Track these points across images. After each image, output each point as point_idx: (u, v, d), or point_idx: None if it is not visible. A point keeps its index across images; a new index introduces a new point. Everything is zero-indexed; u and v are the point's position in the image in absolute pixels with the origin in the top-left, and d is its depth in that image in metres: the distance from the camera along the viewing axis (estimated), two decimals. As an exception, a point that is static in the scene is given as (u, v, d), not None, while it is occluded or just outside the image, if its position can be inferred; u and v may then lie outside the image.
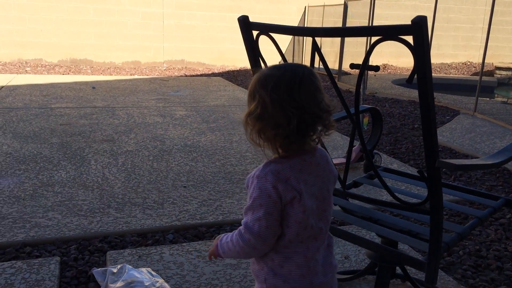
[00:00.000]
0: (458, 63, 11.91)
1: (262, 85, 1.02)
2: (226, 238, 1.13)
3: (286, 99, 0.99)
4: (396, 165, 3.72)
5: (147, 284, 1.86)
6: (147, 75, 8.76)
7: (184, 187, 3.05)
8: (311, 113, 1.00)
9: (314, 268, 1.07)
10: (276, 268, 1.07)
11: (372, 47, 1.24)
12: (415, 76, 1.15)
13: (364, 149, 1.40)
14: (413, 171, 3.56)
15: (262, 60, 1.54)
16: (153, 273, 1.97)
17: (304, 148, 1.06)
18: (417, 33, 1.10)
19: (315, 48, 1.44)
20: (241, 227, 1.07)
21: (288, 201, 1.02)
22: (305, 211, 1.03)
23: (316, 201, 1.06)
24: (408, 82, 1.14)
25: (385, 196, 2.88)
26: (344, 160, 3.30)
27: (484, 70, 5.89)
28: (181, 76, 8.93)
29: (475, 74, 10.94)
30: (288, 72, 1.01)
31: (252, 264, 1.13)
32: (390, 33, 1.18)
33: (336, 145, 4.19)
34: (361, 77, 1.39)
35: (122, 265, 1.99)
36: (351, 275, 1.94)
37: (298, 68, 1.03)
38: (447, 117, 5.58)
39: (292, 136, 1.00)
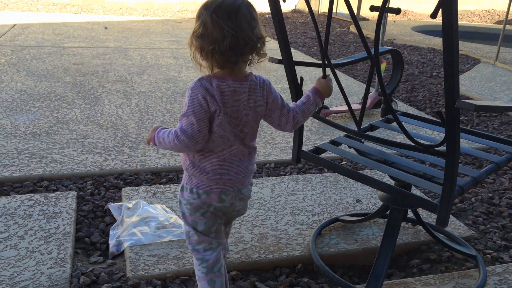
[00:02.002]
0: (481, 11, 11.45)
1: (205, 8, 1.18)
2: (163, 133, 1.30)
3: (224, 20, 1.15)
4: (412, 112, 3.66)
5: (161, 219, 1.90)
6: (160, 17, 8.58)
7: (198, 128, 3.06)
8: (244, 35, 1.15)
9: (226, 167, 1.30)
10: (196, 162, 1.31)
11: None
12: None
13: (383, 92, 1.36)
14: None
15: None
16: (167, 209, 2.01)
17: (235, 72, 1.22)
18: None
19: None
20: (177, 129, 1.25)
21: (212, 113, 1.22)
22: (221, 125, 1.24)
23: (231, 119, 1.25)
24: (432, 17, 1.08)
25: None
26: (358, 106, 3.25)
27: (508, 19, 5.65)
28: (194, 18, 8.72)
29: (498, 22, 10.53)
30: (229, 0, 1.17)
31: (182, 155, 1.36)
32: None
33: (351, 91, 4.13)
34: (382, 15, 1.32)
35: (137, 201, 2.03)
36: (362, 218, 1.96)
37: (238, 0, 1.19)
38: (467, 66, 5.43)
39: (226, 53, 1.16)
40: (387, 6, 1.26)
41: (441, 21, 1.05)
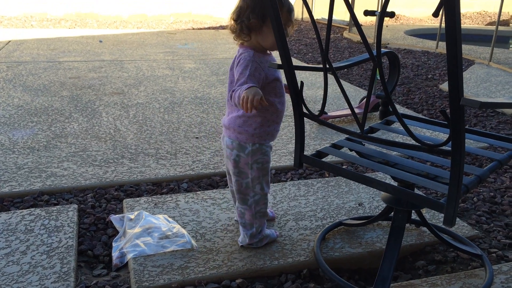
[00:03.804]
0: (473, 13, 11.55)
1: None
2: None
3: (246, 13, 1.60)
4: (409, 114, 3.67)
5: (164, 229, 1.88)
6: (154, 29, 8.61)
7: (196, 138, 3.05)
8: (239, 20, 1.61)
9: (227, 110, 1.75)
10: None
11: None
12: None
13: (386, 92, 1.36)
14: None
15: None
16: (170, 219, 1.99)
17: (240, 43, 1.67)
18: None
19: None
20: None
21: None
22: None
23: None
24: (434, 15, 1.08)
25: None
26: (346, 112, 3.25)
27: (500, 20, 5.70)
28: (188, 29, 8.76)
29: (490, 24, 10.62)
30: None
31: None
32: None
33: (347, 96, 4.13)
34: (383, 18, 1.32)
35: (139, 212, 2.01)
36: (365, 221, 1.95)
37: None
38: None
39: (236, 31, 1.63)
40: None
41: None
